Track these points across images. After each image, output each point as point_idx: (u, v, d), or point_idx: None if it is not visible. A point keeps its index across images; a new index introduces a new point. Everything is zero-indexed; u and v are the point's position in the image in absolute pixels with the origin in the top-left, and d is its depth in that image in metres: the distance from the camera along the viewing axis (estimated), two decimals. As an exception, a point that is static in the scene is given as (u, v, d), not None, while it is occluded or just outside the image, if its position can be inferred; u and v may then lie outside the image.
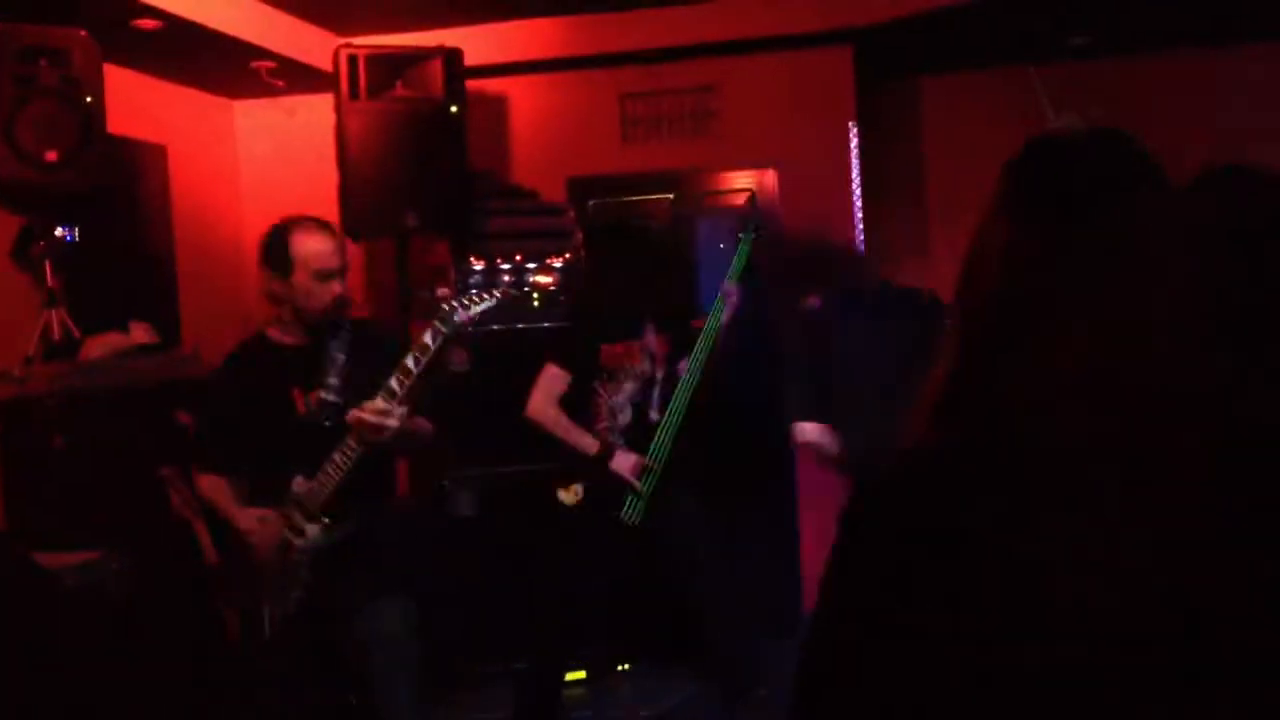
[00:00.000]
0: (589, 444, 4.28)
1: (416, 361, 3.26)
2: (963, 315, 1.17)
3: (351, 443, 3.30)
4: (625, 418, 4.42)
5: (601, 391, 4.40)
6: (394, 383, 3.26)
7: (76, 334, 4.45)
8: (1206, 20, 5.58)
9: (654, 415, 4.44)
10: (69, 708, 3.48)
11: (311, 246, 3.47)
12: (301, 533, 3.39)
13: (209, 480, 3.61)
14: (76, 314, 4.50)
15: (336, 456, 3.33)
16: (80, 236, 4.51)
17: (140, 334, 4.67)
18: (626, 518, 4.33)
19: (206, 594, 3.98)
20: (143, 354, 4.60)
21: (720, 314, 4.47)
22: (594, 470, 4.29)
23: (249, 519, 3.43)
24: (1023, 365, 1.05)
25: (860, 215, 5.21)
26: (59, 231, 4.45)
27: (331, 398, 3.43)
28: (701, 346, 4.44)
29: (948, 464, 1.05)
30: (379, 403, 3.24)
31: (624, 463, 4.29)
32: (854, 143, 5.23)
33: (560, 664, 4.65)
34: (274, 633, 3.43)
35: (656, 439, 4.37)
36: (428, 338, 3.27)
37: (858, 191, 5.22)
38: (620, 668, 5.23)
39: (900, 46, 5.84)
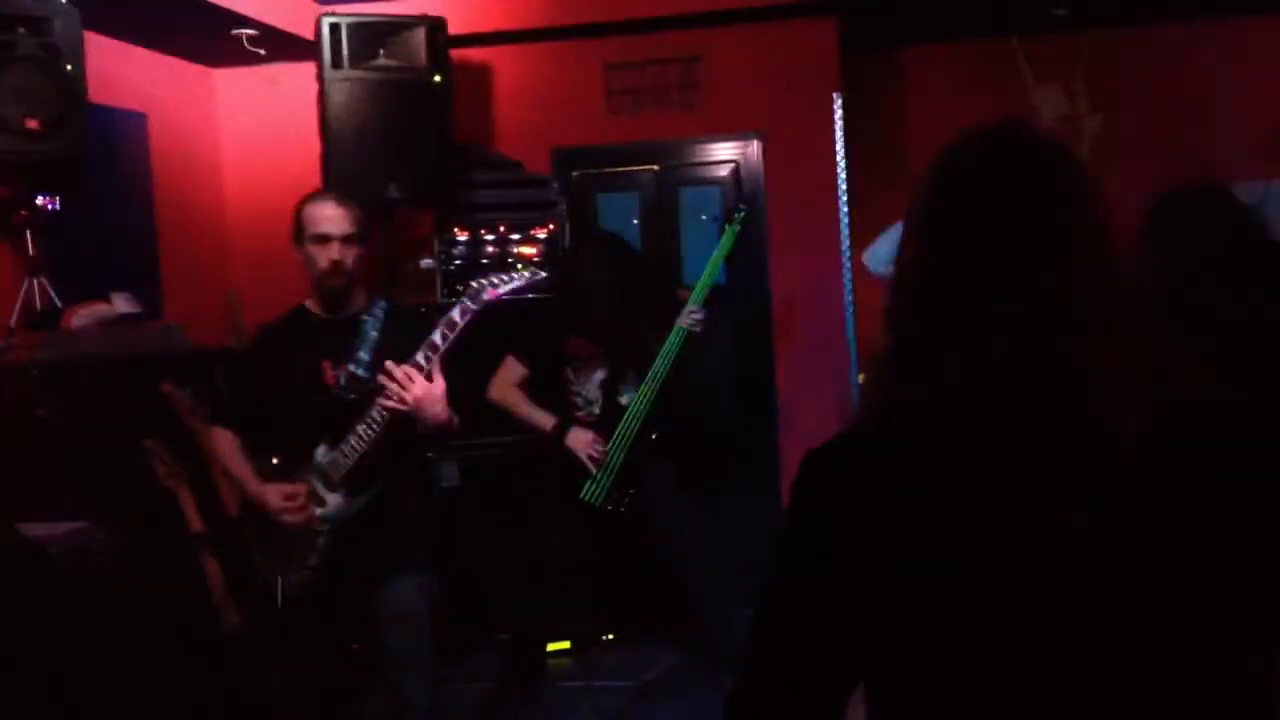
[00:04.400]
0: (544, 420, 4.36)
1: (444, 338, 3.29)
2: (890, 313, 1.30)
3: (376, 415, 3.32)
4: (596, 403, 4.47)
5: (572, 379, 4.46)
6: (420, 357, 3.28)
7: (58, 303, 4.43)
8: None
9: (624, 399, 4.46)
10: (53, 677, 3.49)
11: (312, 212, 3.51)
12: (323, 502, 3.41)
13: (221, 434, 3.64)
14: (58, 283, 4.48)
15: (361, 428, 3.36)
16: (61, 205, 4.49)
17: (122, 304, 4.66)
18: (588, 497, 4.36)
19: (191, 562, 4.00)
20: (125, 324, 4.59)
21: (680, 335, 4.46)
22: (553, 446, 4.35)
23: (277, 497, 3.42)
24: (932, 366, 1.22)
25: (844, 187, 5.21)
26: (39, 200, 4.42)
27: (361, 372, 3.45)
28: (677, 330, 4.45)
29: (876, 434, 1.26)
30: (408, 367, 3.26)
31: (578, 439, 4.35)
32: (838, 114, 5.22)
33: (542, 634, 4.69)
34: (286, 598, 3.45)
35: (624, 421, 4.40)
36: (456, 314, 3.29)
37: (842, 163, 5.22)
38: (604, 638, 5.26)
39: (885, 17, 5.84)
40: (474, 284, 3.34)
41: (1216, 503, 1.16)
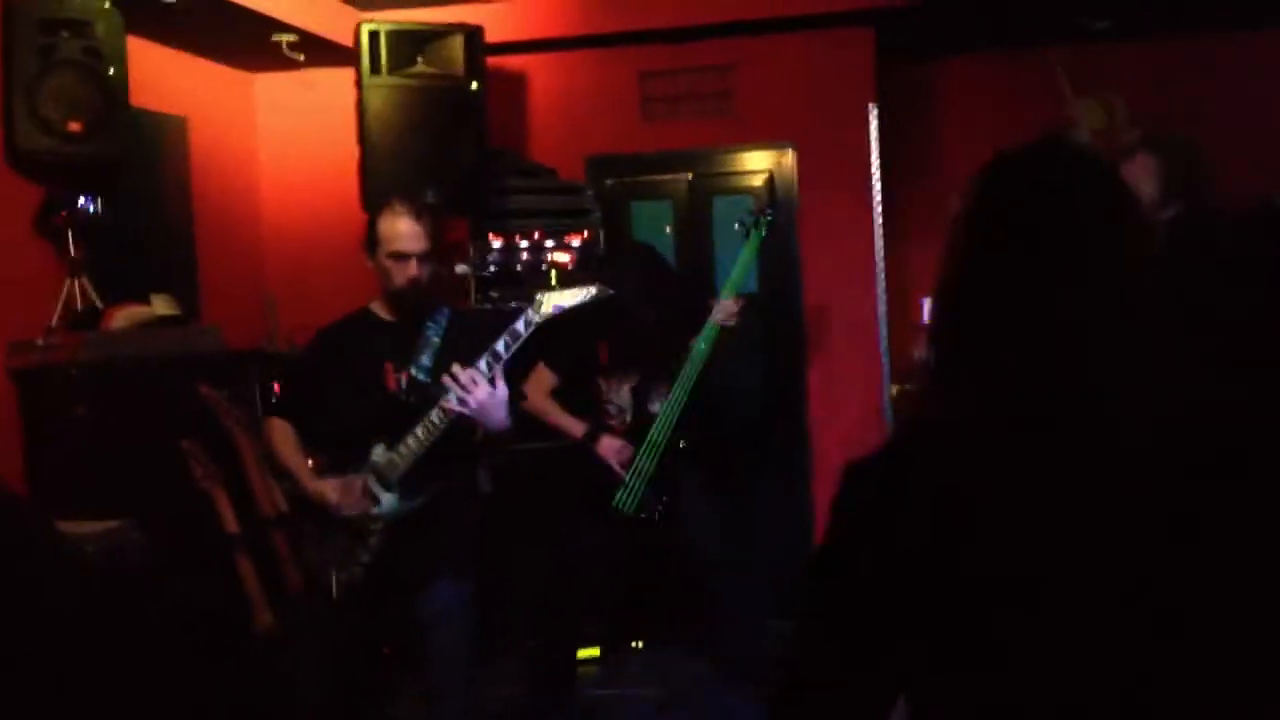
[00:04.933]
0: (576, 428, 4.38)
1: (507, 347, 3.32)
2: (930, 330, 1.33)
3: (435, 419, 3.35)
4: (628, 411, 4.48)
5: (604, 387, 4.48)
6: (483, 364, 3.30)
7: (98, 304, 4.49)
8: (1227, 5, 5.55)
9: (654, 407, 4.47)
10: (85, 674, 3.53)
11: (388, 228, 3.49)
12: (377, 501, 3.45)
13: (278, 425, 3.67)
14: (98, 284, 4.53)
15: (419, 431, 3.39)
16: (102, 207, 4.54)
17: (161, 305, 4.71)
18: (621, 505, 4.38)
19: (225, 562, 4.03)
20: (164, 325, 4.63)
21: (713, 333, 4.46)
22: (583, 454, 4.37)
23: (333, 490, 3.46)
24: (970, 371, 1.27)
25: (878, 198, 5.20)
26: (81, 202, 4.48)
27: (422, 377, 3.48)
28: (705, 337, 4.44)
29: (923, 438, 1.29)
30: (473, 371, 3.29)
31: (609, 446, 4.37)
32: (873, 124, 5.22)
33: (571, 641, 4.70)
34: (340, 595, 3.49)
35: (654, 429, 4.41)
36: (520, 325, 3.32)
37: (876, 174, 5.21)
38: (634, 645, 5.26)
39: (922, 28, 5.83)
40: (539, 296, 3.36)
41: (1224, 507, 1.19)
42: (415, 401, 3.44)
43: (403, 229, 3.47)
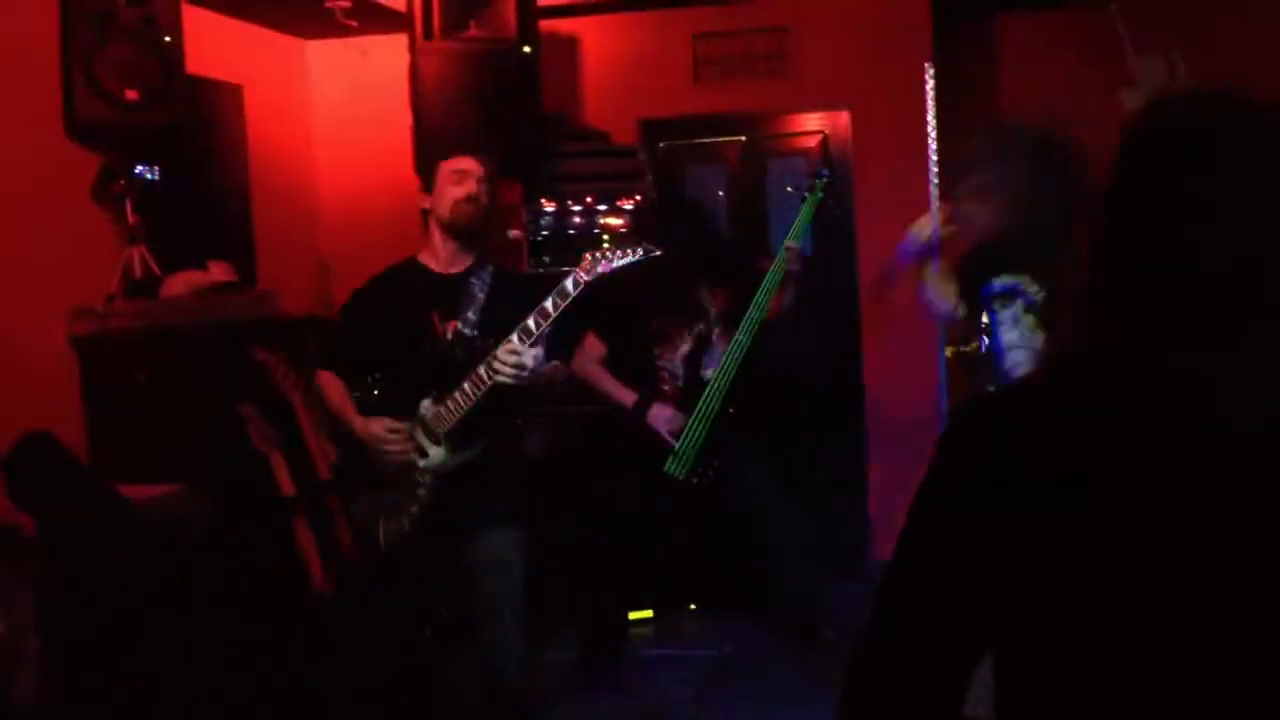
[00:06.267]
0: (626, 396, 4.38)
1: (556, 306, 3.33)
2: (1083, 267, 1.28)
3: (484, 375, 3.37)
4: (680, 377, 4.47)
5: (659, 354, 4.47)
6: (531, 323, 3.33)
7: (157, 271, 4.54)
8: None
9: (706, 373, 4.45)
10: (149, 636, 3.59)
11: (452, 159, 3.62)
12: (425, 454, 3.48)
13: (330, 380, 3.70)
14: (157, 252, 4.58)
15: (466, 386, 3.42)
16: (160, 175, 4.58)
17: (219, 272, 4.75)
18: (672, 470, 4.37)
19: (282, 526, 4.08)
20: (221, 292, 4.68)
21: (780, 273, 4.42)
22: (634, 422, 4.37)
23: (380, 429, 3.50)
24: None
25: (934, 159, 5.13)
26: (139, 170, 4.52)
27: (468, 331, 3.52)
28: (758, 303, 4.41)
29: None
30: (514, 342, 3.31)
31: (659, 415, 4.37)
32: (930, 84, 5.14)
33: (621, 604, 4.72)
34: (388, 546, 3.52)
35: (705, 395, 4.39)
36: (569, 284, 3.33)
37: (933, 134, 5.14)
38: (689, 607, 5.28)
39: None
40: (588, 256, 3.37)
41: None
42: (462, 356, 3.46)
43: (467, 158, 3.60)
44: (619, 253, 3.38)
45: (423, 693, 4.02)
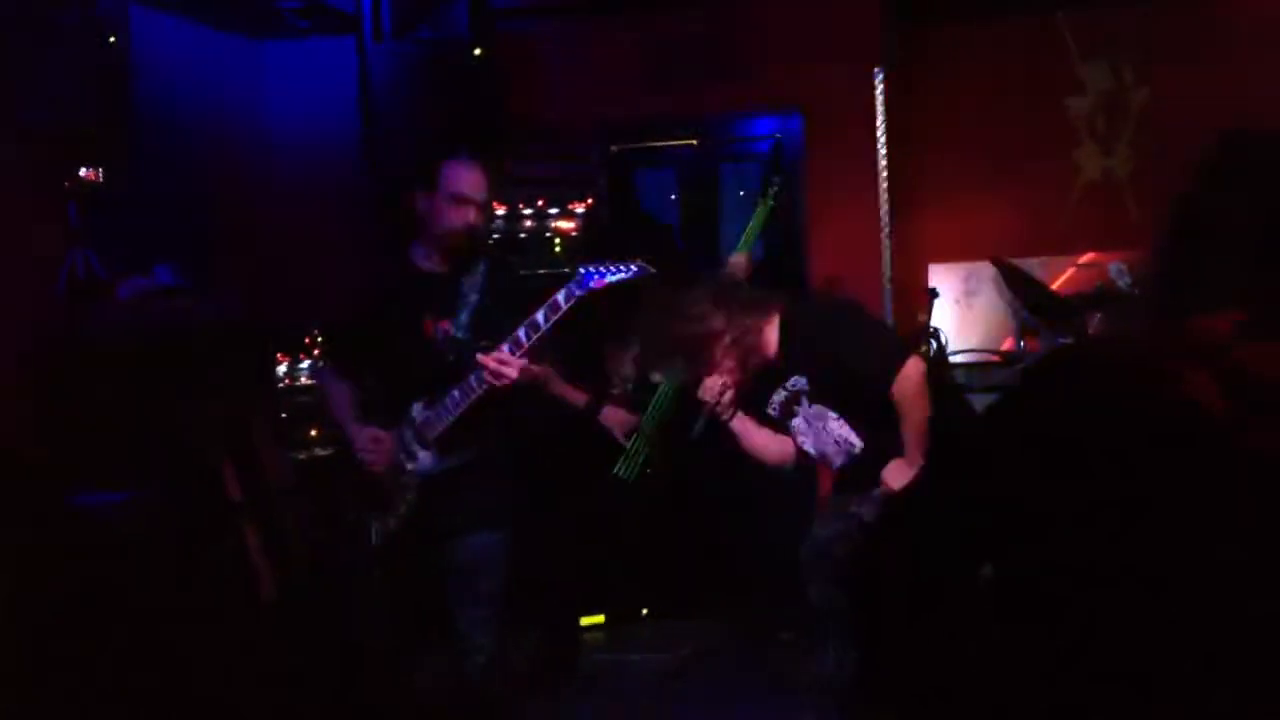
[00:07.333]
0: (577, 397, 4.37)
1: (546, 319, 3.31)
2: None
3: (474, 382, 3.36)
4: (630, 380, 4.48)
5: (609, 358, 4.48)
6: (521, 334, 3.31)
7: (103, 275, 4.47)
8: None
9: (656, 376, 4.46)
10: (101, 639, 3.55)
11: (456, 171, 3.50)
12: (414, 457, 3.46)
13: (331, 379, 3.67)
14: (103, 255, 4.51)
15: (456, 392, 3.40)
16: (105, 178, 4.52)
17: (166, 276, 4.70)
18: (621, 473, 4.38)
19: (231, 530, 4.05)
20: (169, 295, 4.62)
21: None
22: (586, 423, 4.36)
23: (363, 438, 3.49)
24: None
25: (884, 163, 5.17)
26: (83, 173, 4.46)
27: (458, 334, 3.49)
28: None
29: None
30: (503, 352, 3.30)
31: (612, 416, 4.36)
32: (879, 89, 5.18)
33: (574, 606, 4.72)
34: (379, 546, 3.51)
35: (656, 398, 4.40)
36: (561, 297, 3.31)
37: (882, 139, 5.18)
38: (641, 613, 5.28)
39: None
40: (581, 270, 3.34)
41: None
42: (455, 360, 3.45)
43: (472, 176, 3.51)
44: (612, 269, 3.35)
45: (396, 692, 4.00)
